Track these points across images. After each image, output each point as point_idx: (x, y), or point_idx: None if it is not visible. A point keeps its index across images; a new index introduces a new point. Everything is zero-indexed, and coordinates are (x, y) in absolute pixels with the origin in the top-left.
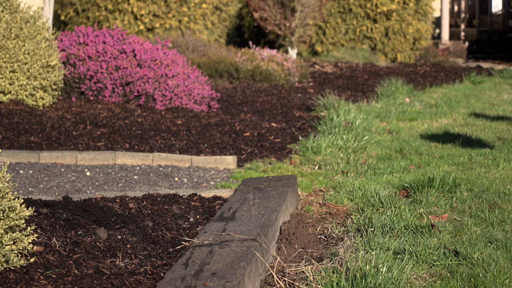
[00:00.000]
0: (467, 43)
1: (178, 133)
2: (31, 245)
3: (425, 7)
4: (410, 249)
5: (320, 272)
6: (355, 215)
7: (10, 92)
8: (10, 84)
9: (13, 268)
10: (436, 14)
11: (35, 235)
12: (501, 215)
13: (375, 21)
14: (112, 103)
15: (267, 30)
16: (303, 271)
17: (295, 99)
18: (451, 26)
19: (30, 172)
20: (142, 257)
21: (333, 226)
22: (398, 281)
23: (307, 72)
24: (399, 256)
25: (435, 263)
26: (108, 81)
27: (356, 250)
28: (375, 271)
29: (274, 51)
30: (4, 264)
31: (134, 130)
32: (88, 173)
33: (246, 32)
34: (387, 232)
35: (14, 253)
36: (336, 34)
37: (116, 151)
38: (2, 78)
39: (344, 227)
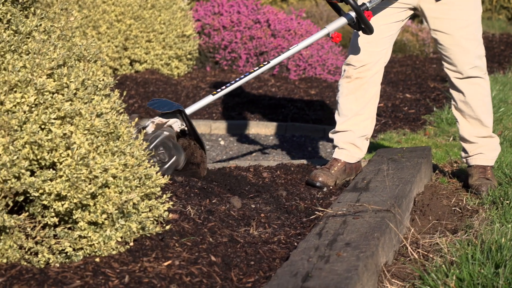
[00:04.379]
0: None
1: (311, 103)
2: (166, 213)
3: None
4: None
5: (455, 244)
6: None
7: (146, 62)
8: (146, 54)
9: (148, 235)
10: None
11: (170, 203)
12: None
13: None
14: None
15: None
16: (437, 243)
17: (430, 70)
18: None
19: None
20: (276, 227)
21: (467, 198)
22: None
23: None
24: None
25: None
26: (242, 51)
27: (491, 222)
28: (511, 244)
29: (409, 21)
30: (140, 231)
31: (267, 100)
32: (222, 142)
33: None
34: None
35: (150, 220)
36: None
37: (250, 120)
38: (138, 47)
39: (479, 199)
